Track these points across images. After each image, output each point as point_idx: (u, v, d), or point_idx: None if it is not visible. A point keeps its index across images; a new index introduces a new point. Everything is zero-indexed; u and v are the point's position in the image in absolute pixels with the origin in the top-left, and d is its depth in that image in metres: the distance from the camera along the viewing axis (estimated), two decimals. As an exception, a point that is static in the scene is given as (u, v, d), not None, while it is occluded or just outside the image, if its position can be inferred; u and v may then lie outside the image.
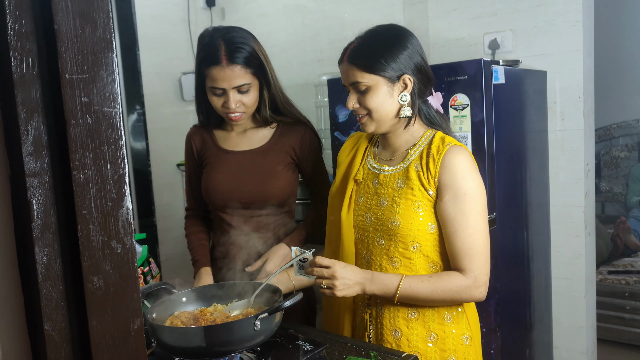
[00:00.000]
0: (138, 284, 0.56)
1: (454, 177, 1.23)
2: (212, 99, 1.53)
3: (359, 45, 1.28)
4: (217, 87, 1.49)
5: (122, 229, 0.54)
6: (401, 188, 1.29)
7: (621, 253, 3.64)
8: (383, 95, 1.26)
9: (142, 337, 0.56)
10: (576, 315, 2.38)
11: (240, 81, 1.48)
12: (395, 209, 1.28)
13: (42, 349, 0.51)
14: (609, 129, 4.27)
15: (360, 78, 1.25)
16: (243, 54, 1.48)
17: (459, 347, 1.29)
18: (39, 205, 0.49)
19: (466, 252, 1.22)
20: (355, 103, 1.29)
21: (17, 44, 0.48)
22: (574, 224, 2.34)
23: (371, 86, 1.25)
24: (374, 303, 1.33)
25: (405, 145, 1.33)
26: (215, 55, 1.47)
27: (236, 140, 1.63)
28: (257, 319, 1.01)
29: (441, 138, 1.29)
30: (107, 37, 0.52)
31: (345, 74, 1.30)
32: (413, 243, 1.27)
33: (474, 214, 1.23)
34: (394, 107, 1.27)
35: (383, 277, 1.24)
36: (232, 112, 1.51)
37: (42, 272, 0.50)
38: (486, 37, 2.43)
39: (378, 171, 1.36)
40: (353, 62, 1.26)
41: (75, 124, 0.50)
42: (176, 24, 3.32)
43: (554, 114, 2.33)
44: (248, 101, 1.52)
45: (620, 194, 4.23)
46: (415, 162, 1.29)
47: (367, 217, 1.34)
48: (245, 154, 1.60)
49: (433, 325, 1.28)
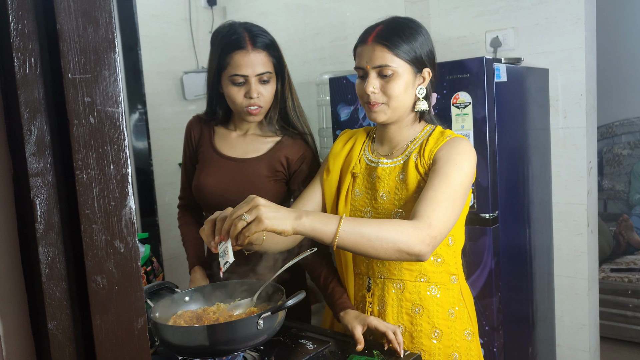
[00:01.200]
0: (141, 283, 0.56)
1: (451, 151, 1.21)
2: (232, 90, 1.45)
3: (387, 28, 1.22)
4: (240, 74, 1.42)
5: (125, 228, 0.54)
6: (403, 180, 1.27)
7: (623, 251, 3.63)
8: (405, 84, 1.22)
9: (145, 336, 0.56)
10: (579, 313, 2.38)
11: (263, 68, 1.43)
12: (397, 201, 1.26)
13: (46, 348, 0.52)
14: (611, 127, 4.26)
15: (389, 61, 1.19)
16: (266, 41, 1.45)
17: (462, 343, 1.28)
18: (42, 205, 0.50)
19: (431, 201, 1.12)
20: (376, 89, 1.22)
21: (20, 44, 0.48)
22: (577, 221, 2.33)
23: (397, 72, 1.20)
24: (376, 300, 1.32)
25: (405, 140, 1.32)
26: (239, 40, 1.42)
27: (234, 143, 1.57)
28: (260, 317, 1.01)
29: (441, 132, 1.28)
30: (110, 36, 0.52)
31: (370, 56, 1.22)
32: None
33: (455, 179, 1.16)
34: (411, 98, 1.25)
35: (319, 213, 1.08)
36: (253, 103, 1.44)
37: (45, 272, 0.50)
38: (488, 35, 2.43)
39: (375, 164, 1.33)
40: (383, 43, 1.20)
41: (78, 123, 0.50)
42: (178, 24, 3.32)
43: (556, 111, 2.33)
44: (267, 94, 1.47)
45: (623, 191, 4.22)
46: (414, 153, 1.28)
47: (366, 211, 1.32)
48: (238, 161, 1.55)
49: (437, 320, 1.27)
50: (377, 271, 1.32)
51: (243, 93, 1.44)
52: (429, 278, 1.28)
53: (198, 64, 3.40)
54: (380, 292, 1.31)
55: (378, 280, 1.32)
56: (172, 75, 3.30)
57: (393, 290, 1.30)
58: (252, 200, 1.03)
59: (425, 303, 1.27)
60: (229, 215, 1.02)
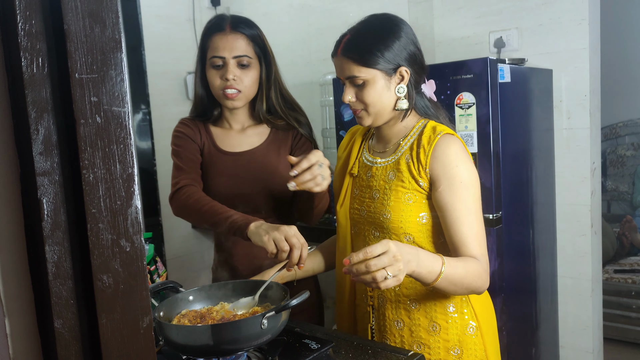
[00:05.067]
0: (147, 282, 0.56)
1: (447, 167, 1.21)
2: (211, 73, 1.48)
3: (352, 37, 1.25)
4: (218, 56, 1.45)
5: (131, 228, 0.54)
6: (392, 180, 1.27)
7: (627, 252, 3.63)
8: (380, 89, 1.23)
9: (151, 335, 0.56)
10: (582, 314, 2.38)
11: (241, 51, 1.45)
12: (386, 201, 1.27)
13: (52, 346, 0.52)
14: (614, 128, 4.25)
15: (356, 72, 1.22)
16: (247, 28, 1.47)
17: (464, 338, 1.27)
18: (49, 204, 0.50)
19: (473, 238, 1.20)
20: (352, 97, 1.26)
21: (28, 44, 0.48)
22: (580, 222, 2.33)
23: (368, 80, 1.22)
24: (375, 295, 1.33)
25: (397, 137, 1.32)
26: (219, 23, 1.47)
27: (236, 140, 1.57)
28: (264, 317, 1.02)
29: (432, 128, 1.27)
30: (117, 37, 0.52)
31: (340, 68, 1.26)
32: (405, 235, 1.26)
33: (472, 201, 1.21)
34: (391, 100, 1.25)
35: (428, 257, 1.13)
36: (229, 86, 1.45)
37: (52, 271, 0.50)
38: (492, 35, 2.43)
39: (371, 164, 1.35)
40: (348, 55, 1.23)
41: (84, 123, 0.50)
42: (181, 24, 3.32)
43: (560, 112, 2.33)
44: (247, 79, 1.47)
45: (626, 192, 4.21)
46: (406, 153, 1.28)
47: (362, 210, 1.33)
48: (245, 154, 1.55)
49: (435, 315, 1.27)
50: None
51: (220, 75, 1.46)
52: None
53: (202, 64, 3.40)
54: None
55: None
56: (175, 75, 3.30)
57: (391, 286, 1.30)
58: (392, 254, 1.04)
59: (422, 298, 1.28)
60: (367, 263, 1.02)
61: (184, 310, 1.19)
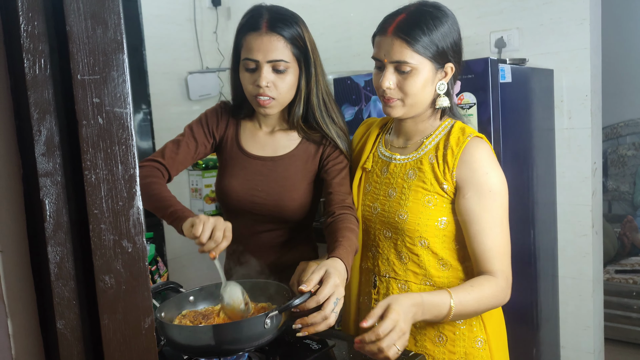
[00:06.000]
0: (149, 283, 0.56)
1: (476, 173, 1.14)
2: (244, 76, 1.33)
3: (409, 17, 1.12)
4: (251, 59, 1.29)
5: (133, 228, 0.54)
6: (411, 179, 1.21)
7: (628, 252, 3.62)
8: (425, 81, 1.14)
9: (152, 335, 0.56)
10: (583, 314, 2.37)
11: (277, 55, 1.28)
12: (403, 201, 1.20)
13: (54, 346, 0.52)
14: (615, 127, 4.25)
15: (408, 57, 1.11)
16: (287, 27, 1.29)
17: (471, 351, 1.22)
18: (52, 205, 0.50)
19: (496, 252, 1.15)
20: (392, 84, 1.15)
21: (30, 45, 0.48)
22: (581, 222, 2.33)
23: (417, 68, 1.12)
24: (381, 297, 1.29)
25: (421, 134, 1.25)
26: (255, 21, 1.29)
27: (261, 141, 1.44)
28: (267, 317, 1.02)
29: (461, 129, 1.20)
30: (118, 38, 0.52)
31: (387, 48, 1.13)
32: (420, 238, 1.20)
33: (499, 212, 1.16)
34: (430, 95, 1.17)
35: (432, 298, 1.09)
36: (262, 93, 1.30)
37: (54, 271, 0.50)
38: (492, 35, 2.43)
39: (389, 160, 1.27)
40: (402, 37, 1.11)
41: (86, 124, 0.50)
42: (182, 24, 3.33)
43: (560, 112, 2.33)
44: (283, 86, 1.31)
45: (627, 192, 4.20)
46: (430, 153, 1.21)
47: (374, 207, 1.27)
48: (266, 160, 1.42)
49: (442, 325, 1.22)
50: (383, 269, 1.28)
51: (252, 81, 1.32)
52: (435, 282, 1.23)
53: (202, 65, 3.41)
54: (385, 291, 1.28)
55: (383, 279, 1.29)
56: (176, 75, 3.31)
57: (398, 291, 1.26)
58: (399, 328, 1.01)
59: None
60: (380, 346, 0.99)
61: (184, 311, 1.19)
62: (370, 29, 1.24)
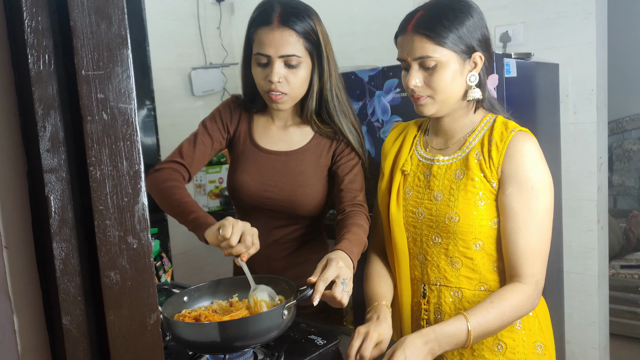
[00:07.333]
0: (154, 279, 0.56)
1: (520, 167, 1.10)
2: (255, 70, 1.32)
3: (427, 13, 1.11)
4: (262, 54, 1.27)
5: (138, 224, 0.54)
6: (460, 179, 1.16)
7: (634, 247, 3.61)
8: (452, 74, 1.11)
9: (158, 331, 0.56)
10: (588, 310, 2.37)
11: (289, 49, 1.26)
12: (453, 202, 1.15)
13: (60, 342, 0.52)
14: (621, 122, 4.23)
15: (430, 52, 1.09)
16: (299, 21, 1.27)
17: (531, 357, 1.15)
18: (57, 201, 0.50)
19: (529, 254, 1.09)
20: (419, 82, 1.12)
21: (34, 41, 0.48)
22: (587, 218, 2.32)
23: (442, 62, 1.09)
24: (432, 307, 1.22)
25: (462, 132, 1.20)
26: (267, 15, 1.27)
27: (275, 136, 1.42)
28: (284, 307, 1.03)
29: (503, 123, 1.16)
30: (123, 33, 0.52)
31: (410, 47, 1.12)
32: (475, 241, 1.14)
33: (540, 210, 1.09)
34: (461, 88, 1.13)
35: (446, 329, 1.05)
36: (274, 89, 1.29)
37: (60, 267, 0.50)
38: (497, 29, 2.41)
39: (430, 162, 1.22)
40: (422, 32, 1.09)
41: (91, 120, 0.50)
42: (186, 20, 3.32)
43: (566, 107, 2.31)
44: (295, 81, 1.30)
45: (633, 187, 4.19)
46: (476, 149, 1.16)
47: (419, 213, 1.20)
48: (279, 155, 1.40)
49: (501, 332, 1.14)
50: (433, 277, 1.21)
51: (264, 76, 1.31)
52: (490, 287, 1.17)
53: (206, 60, 3.40)
54: (436, 300, 1.21)
55: (434, 287, 1.21)
56: (180, 71, 3.31)
57: (450, 298, 1.19)
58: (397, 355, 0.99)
59: None
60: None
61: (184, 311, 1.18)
62: (374, 24, 1.22)
